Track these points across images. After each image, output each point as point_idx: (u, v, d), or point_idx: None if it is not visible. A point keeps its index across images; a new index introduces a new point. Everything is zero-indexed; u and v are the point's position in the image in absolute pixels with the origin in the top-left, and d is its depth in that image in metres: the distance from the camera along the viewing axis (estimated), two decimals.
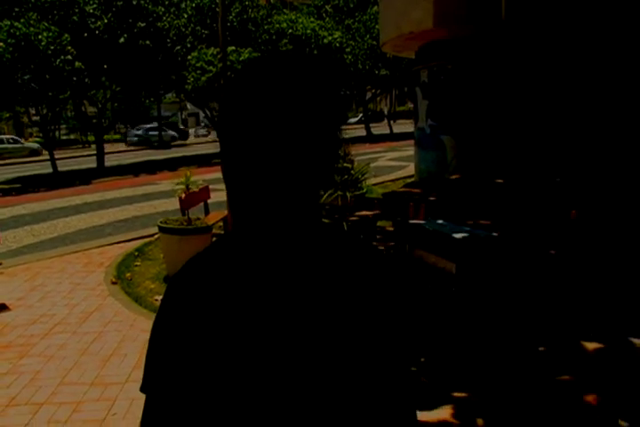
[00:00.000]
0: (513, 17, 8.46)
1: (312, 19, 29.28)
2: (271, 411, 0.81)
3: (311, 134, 0.75)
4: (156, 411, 0.85)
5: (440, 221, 6.16)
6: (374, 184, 11.45)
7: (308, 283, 0.83)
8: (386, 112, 46.93)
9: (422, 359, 3.94)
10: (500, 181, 8.57)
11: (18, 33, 16.44)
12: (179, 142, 38.16)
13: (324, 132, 0.77)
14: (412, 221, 6.25)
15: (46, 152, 22.38)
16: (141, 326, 4.85)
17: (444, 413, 3.25)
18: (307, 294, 0.82)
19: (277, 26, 26.63)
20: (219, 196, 9.66)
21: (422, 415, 3.19)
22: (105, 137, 24.22)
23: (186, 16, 22.98)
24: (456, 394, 3.48)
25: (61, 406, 3.51)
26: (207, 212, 8.35)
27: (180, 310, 0.85)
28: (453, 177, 9.64)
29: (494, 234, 5.67)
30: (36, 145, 32.29)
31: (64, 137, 40.93)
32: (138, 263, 7.06)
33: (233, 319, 0.81)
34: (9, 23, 16.78)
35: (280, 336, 0.81)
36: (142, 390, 0.87)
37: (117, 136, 40.30)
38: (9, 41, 16.39)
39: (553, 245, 5.90)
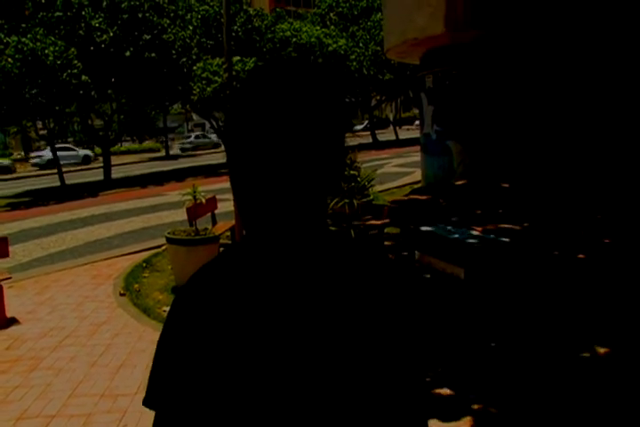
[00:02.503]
0: (518, 21, 8.46)
1: (317, 27, 29.44)
2: (281, 422, 0.80)
3: (317, 142, 0.75)
4: (166, 425, 0.84)
5: (449, 227, 6.14)
6: (381, 191, 11.42)
7: (317, 293, 0.82)
8: (391, 118, 46.99)
9: (431, 366, 3.91)
10: (506, 185, 8.54)
11: (25, 48, 16.64)
12: (189, 152, 38.50)
13: (329, 139, 0.77)
14: (420, 228, 6.23)
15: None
16: (150, 337, 4.85)
17: (452, 417, 3.22)
18: (316, 304, 0.82)
19: (282, 34, 26.79)
20: (226, 206, 9.67)
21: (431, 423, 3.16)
22: (111, 149, 24.35)
23: (191, 28, 23.15)
24: (463, 398, 3.45)
25: (72, 418, 3.50)
26: (214, 222, 8.36)
27: (188, 321, 0.84)
28: (460, 182, 9.61)
29: (504, 239, 5.65)
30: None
31: None
32: (146, 275, 7.07)
33: (242, 331, 0.81)
34: (16, 39, 16.99)
35: (290, 347, 0.80)
36: (145, 403, 0.86)
37: (124, 148, 40.62)
38: (16, 56, 16.58)
39: (563, 250, 5.87)
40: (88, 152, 34.40)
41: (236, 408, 0.80)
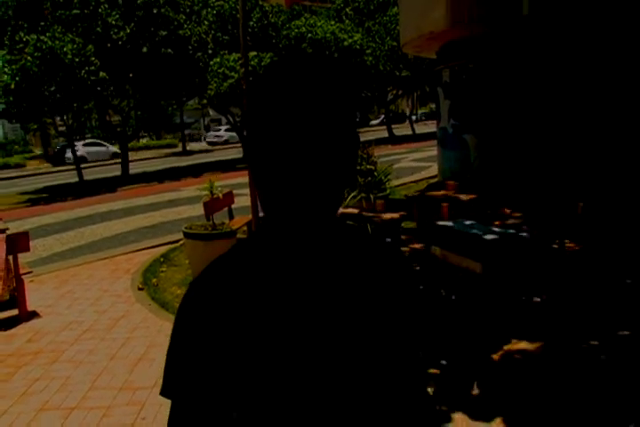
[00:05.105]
0: (535, 13, 8.35)
1: (332, 22, 29.29)
2: (296, 409, 0.81)
3: (334, 132, 0.77)
4: (182, 414, 0.85)
5: (466, 222, 6.10)
6: (397, 185, 11.39)
7: (328, 283, 0.84)
8: (408, 113, 46.76)
9: (445, 360, 3.89)
10: (526, 180, 8.45)
11: (44, 46, 16.82)
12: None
13: (345, 130, 0.79)
14: (438, 222, 6.21)
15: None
16: (168, 331, 4.83)
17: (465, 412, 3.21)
18: (327, 294, 0.83)
19: (297, 30, 26.72)
20: (242, 200, 9.71)
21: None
22: (130, 145, 24.54)
23: (207, 23, 23.19)
24: (487, 395, 3.43)
25: (91, 410, 3.55)
26: (231, 217, 8.40)
27: (201, 311, 0.85)
28: (478, 177, 9.54)
29: (522, 233, 5.60)
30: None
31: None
32: (164, 269, 7.12)
33: (254, 319, 0.82)
34: (35, 37, 17.18)
35: (301, 335, 0.81)
36: (162, 393, 0.87)
37: (141, 144, 40.99)
38: (36, 54, 16.77)
39: (583, 246, 5.80)
40: (234, 134, 38.92)
41: (250, 396, 0.81)
